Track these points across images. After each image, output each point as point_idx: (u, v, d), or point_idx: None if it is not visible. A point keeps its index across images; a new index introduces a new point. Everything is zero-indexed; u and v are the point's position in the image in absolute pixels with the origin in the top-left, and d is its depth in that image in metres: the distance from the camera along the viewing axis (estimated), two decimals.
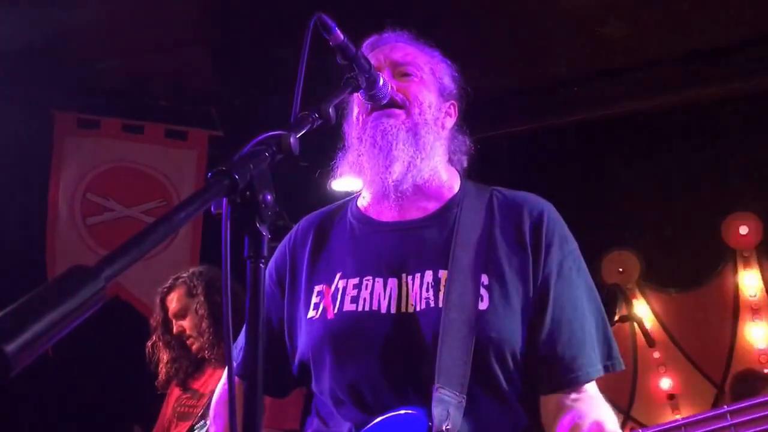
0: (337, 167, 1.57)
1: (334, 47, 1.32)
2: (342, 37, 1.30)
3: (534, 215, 1.48)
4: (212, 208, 0.95)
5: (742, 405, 1.01)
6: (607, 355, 1.42)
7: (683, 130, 4.28)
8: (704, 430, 1.04)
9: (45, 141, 4.24)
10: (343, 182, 4.46)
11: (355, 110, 1.55)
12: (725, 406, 1.03)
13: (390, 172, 1.46)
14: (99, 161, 4.36)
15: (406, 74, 1.53)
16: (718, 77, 3.90)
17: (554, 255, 1.44)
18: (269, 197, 0.97)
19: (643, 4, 3.58)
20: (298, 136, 1.09)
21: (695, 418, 1.05)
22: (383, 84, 1.42)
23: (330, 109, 1.20)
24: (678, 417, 4.15)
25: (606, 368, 1.41)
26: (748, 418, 1.00)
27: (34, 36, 3.59)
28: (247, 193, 0.96)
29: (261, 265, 0.96)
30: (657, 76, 3.98)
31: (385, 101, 1.44)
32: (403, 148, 1.46)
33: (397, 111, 1.49)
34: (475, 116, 1.67)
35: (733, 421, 1.01)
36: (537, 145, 4.35)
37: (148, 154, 4.41)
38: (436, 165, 1.52)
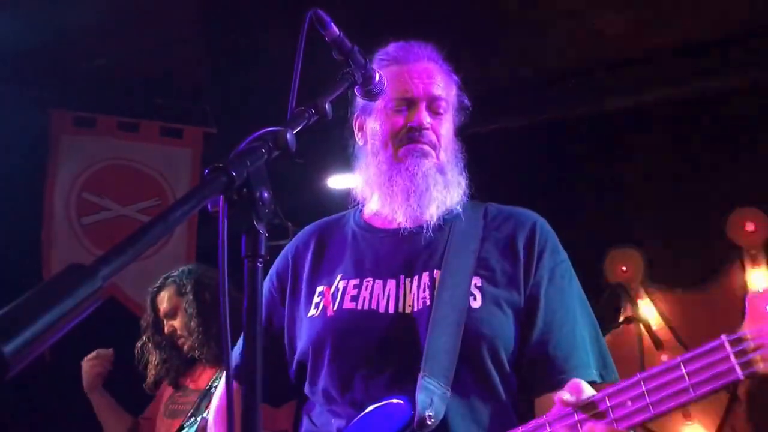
0: (362, 186, 1.63)
1: (330, 43, 1.31)
2: (338, 32, 1.30)
3: (527, 225, 1.54)
4: (209, 206, 0.95)
5: (694, 354, 1.14)
6: (602, 364, 1.45)
7: (687, 125, 4.22)
8: (660, 381, 1.14)
9: (41, 139, 4.21)
10: (340, 180, 4.45)
11: (377, 126, 1.58)
12: (678, 358, 1.14)
13: (425, 212, 1.52)
14: (95, 160, 4.32)
15: (437, 111, 1.58)
16: (722, 71, 3.85)
17: (545, 262, 1.49)
18: (266, 194, 0.97)
19: None
20: (294, 132, 1.09)
21: (652, 372, 1.16)
22: (379, 80, 1.40)
23: (326, 105, 1.20)
24: (689, 423, 4.06)
25: (602, 376, 1.44)
26: (700, 364, 1.13)
27: (30, 35, 3.56)
28: (244, 190, 0.95)
29: (259, 264, 0.96)
30: (661, 70, 3.94)
31: (376, 91, 1.41)
32: (440, 190, 1.54)
33: (430, 150, 1.55)
34: (474, 111, 1.70)
35: (687, 370, 1.12)
36: (539, 141, 4.30)
37: (143, 152, 4.37)
38: (457, 196, 1.59)
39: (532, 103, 4.25)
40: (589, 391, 1.26)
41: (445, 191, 1.55)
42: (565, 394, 1.23)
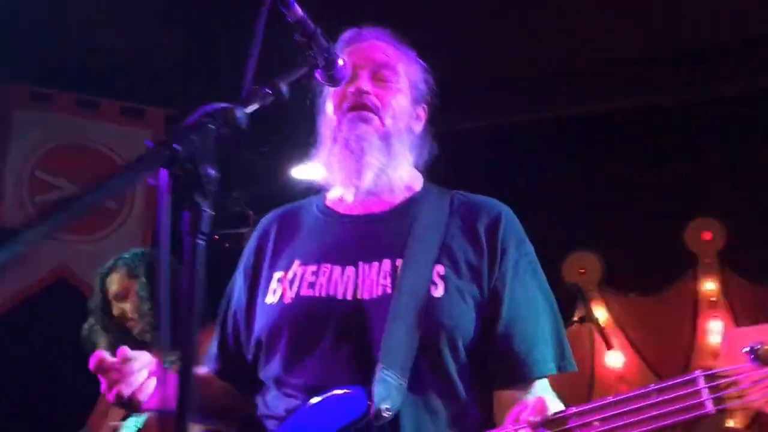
0: (312, 161, 1.60)
1: (293, 23, 1.28)
2: (301, 12, 1.26)
3: (492, 216, 1.52)
4: (150, 180, 0.92)
5: (668, 384, 1.17)
6: (561, 356, 1.46)
7: (649, 132, 4.29)
8: (631, 407, 1.16)
9: None
10: (304, 170, 4.40)
11: (330, 106, 1.56)
12: (652, 385, 1.17)
13: (362, 179, 1.50)
14: (50, 137, 4.19)
15: (383, 79, 1.55)
16: (689, 81, 3.93)
17: (510, 255, 1.48)
18: (212, 171, 0.94)
19: (610, 4, 3.57)
20: (247, 110, 1.07)
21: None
22: (343, 65, 1.37)
23: (282, 85, 1.17)
24: None
25: (559, 368, 1.45)
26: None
27: None
28: (189, 165, 0.92)
29: (199, 240, 0.93)
30: (625, 79, 4.00)
31: (344, 82, 1.39)
32: (376, 156, 1.50)
33: (371, 116, 1.51)
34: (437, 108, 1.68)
35: (659, 398, 1.14)
36: (502, 142, 4.33)
37: (102, 131, 4.25)
38: (404, 170, 1.56)
39: (493, 104, 4.27)
40: (554, 407, 1.26)
41: (385, 159, 1.51)
42: (530, 417, 1.23)
